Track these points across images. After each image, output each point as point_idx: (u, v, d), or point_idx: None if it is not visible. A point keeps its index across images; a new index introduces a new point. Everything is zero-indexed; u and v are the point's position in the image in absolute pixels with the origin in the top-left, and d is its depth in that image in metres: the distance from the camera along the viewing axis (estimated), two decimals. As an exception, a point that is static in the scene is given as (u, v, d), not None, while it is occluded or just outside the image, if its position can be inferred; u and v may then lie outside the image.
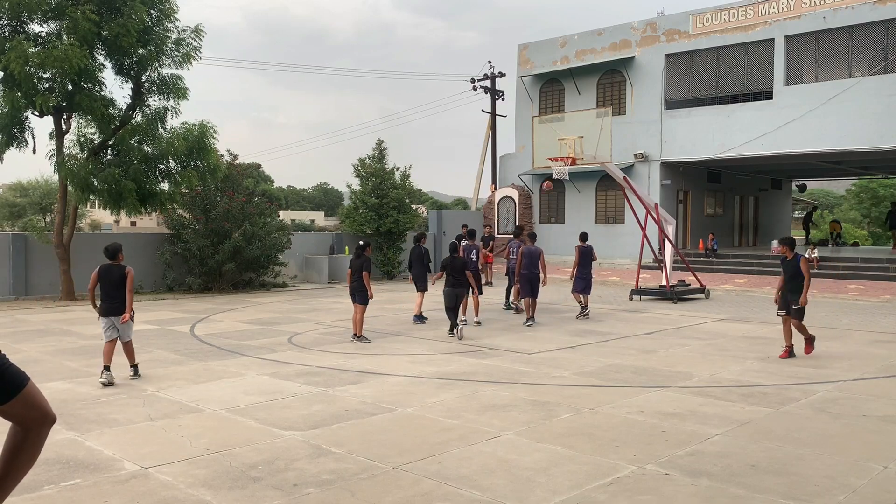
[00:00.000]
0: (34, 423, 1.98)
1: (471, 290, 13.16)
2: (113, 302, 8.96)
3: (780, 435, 6.54)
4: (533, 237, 15.31)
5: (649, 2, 54.04)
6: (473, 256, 15.37)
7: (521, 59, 29.54)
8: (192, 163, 19.30)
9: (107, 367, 8.78)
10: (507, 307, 16.53)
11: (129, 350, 9.14)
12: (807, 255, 22.34)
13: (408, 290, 18.07)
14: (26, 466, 2.01)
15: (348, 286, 12.24)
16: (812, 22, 22.65)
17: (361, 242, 12.42)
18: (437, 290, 14.00)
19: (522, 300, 14.92)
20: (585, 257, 15.17)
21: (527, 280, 14.24)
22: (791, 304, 10.21)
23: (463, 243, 15.16)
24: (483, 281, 22.57)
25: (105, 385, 8.64)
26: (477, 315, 14.07)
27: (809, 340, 10.41)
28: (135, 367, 9.16)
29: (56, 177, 19.96)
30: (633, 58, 26.32)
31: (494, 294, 19.68)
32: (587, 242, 15.53)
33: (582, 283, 15.13)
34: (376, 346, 11.46)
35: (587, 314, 15.05)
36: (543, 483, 5.33)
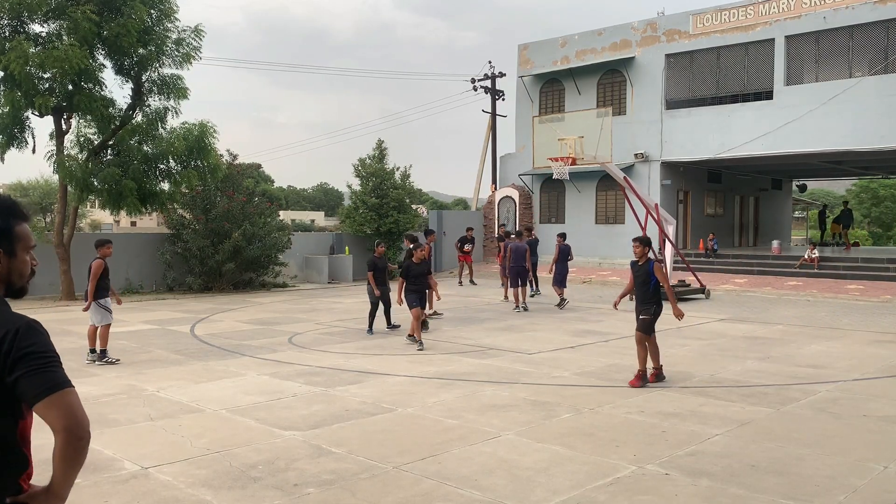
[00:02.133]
0: (58, 431, 2.04)
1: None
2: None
3: (780, 435, 6.53)
4: (519, 234, 17.50)
5: (649, 2, 54.01)
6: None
7: (521, 59, 29.53)
8: (192, 163, 19.31)
9: (91, 350, 10.18)
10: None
11: (97, 334, 10.19)
12: (807, 255, 22.37)
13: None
14: (64, 472, 2.09)
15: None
16: (812, 22, 22.64)
17: (412, 246, 12.18)
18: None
19: (511, 290, 16.56)
20: (564, 254, 16.96)
21: (515, 273, 16.22)
22: (639, 315, 8.61)
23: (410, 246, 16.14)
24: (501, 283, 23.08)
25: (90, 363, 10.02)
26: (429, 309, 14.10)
27: (658, 370, 8.65)
28: (92, 350, 10.18)
29: (56, 177, 19.98)
30: (633, 58, 26.31)
31: (496, 294, 19.68)
32: (565, 241, 17.32)
33: (560, 276, 16.77)
34: (376, 346, 11.47)
35: (566, 303, 16.59)
36: (543, 483, 5.33)
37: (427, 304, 14.28)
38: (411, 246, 12.34)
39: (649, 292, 8.54)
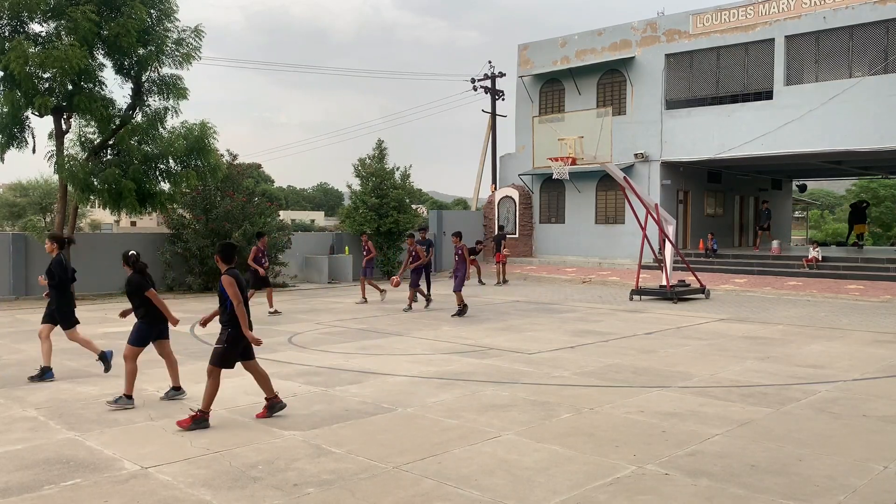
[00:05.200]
0: None
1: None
2: None
3: (780, 435, 6.54)
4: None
5: (649, 2, 54.03)
6: (265, 261, 16.01)
7: (521, 58, 29.54)
8: (192, 163, 19.30)
9: None
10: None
11: None
12: (810, 255, 22.36)
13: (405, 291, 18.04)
14: None
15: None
16: (812, 22, 22.65)
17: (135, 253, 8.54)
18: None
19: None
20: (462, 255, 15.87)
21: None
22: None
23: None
24: (497, 280, 23.21)
25: None
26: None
27: (270, 401, 7.31)
28: None
29: (56, 177, 19.99)
30: (633, 58, 26.32)
31: (497, 294, 19.68)
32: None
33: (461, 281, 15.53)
34: (376, 347, 11.46)
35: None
36: (543, 483, 5.33)
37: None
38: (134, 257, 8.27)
39: (226, 313, 7.04)
